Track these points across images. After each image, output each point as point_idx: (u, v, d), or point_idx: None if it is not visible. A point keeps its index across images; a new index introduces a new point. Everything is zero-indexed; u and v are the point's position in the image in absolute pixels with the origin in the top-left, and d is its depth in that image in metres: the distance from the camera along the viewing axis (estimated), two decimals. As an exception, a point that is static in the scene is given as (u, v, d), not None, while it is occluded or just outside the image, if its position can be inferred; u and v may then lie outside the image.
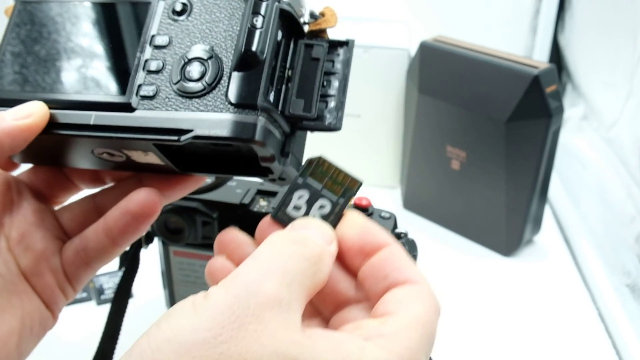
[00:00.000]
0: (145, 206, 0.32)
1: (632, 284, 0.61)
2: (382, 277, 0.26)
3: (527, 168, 0.62)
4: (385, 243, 0.28)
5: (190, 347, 0.21)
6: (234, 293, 0.23)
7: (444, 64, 0.65)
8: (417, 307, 0.26)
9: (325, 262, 0.26)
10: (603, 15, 0.76)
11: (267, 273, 0.24)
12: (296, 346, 0.22)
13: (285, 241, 0.25)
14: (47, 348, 0.54)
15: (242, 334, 0.22)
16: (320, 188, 0.29)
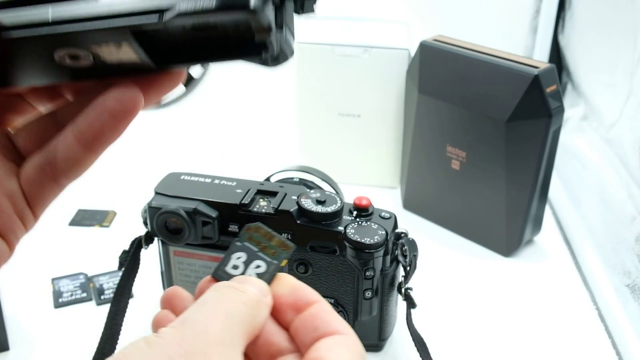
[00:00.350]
0: (126, 102, 0.28)
1: (632, 284, 0.61)
2: (312, 329, 0.29)
3: (527, 168, 0.62)
4: (315, 300, 0.30)
5: None
6: (183, 332, 0.25)
7: (444, 64, 0.66)
8: (345, 353, 0.28)
9: (262, 310, 0.29)
10: (603, 15, 0.76)
11: (212, 316, 0.27)
12: None
13: (226, 290, 0.29)
14: (47, 348, 0.54)
15: None
16: (257, 250, 0.31)
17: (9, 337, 0.53)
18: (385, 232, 0.49)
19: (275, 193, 0.51)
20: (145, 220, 0.53)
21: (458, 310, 0.60)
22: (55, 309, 0.59)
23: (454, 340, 0.56)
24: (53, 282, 0.62)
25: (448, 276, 0.65)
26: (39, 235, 0.70)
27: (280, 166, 0.64)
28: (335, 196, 0.51)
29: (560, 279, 0.65)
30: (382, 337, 0.54)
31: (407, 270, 0.51)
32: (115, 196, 0.77)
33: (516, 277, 0.65)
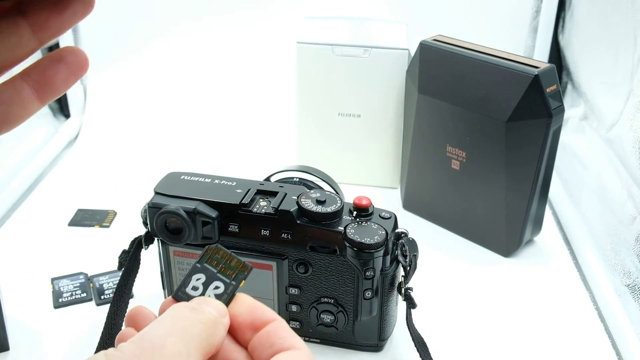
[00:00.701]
0: (80, 59, 0.30)
1: (632, 284, 0.61)
2: (269, 345, 0.31)
3: (528, 168, 0.62)
4: (272, 318, 0.32)
5: None
6: (142, 346, 0.27)
7: (444, 64, 0.66)
8: None
9: (219, 329, 0.30)
10: (603, 15, 0.76)
11: (170, 332, 0.28)
12: None
13: (184, 309, 0.30)
14: (47, 348, 0.54)
15: None
16: (216, 272, 0.33)
17: (9, 337, 0.53)
18: (385, 232, 0.49)
19: (275, 193, 0.51)
20: (145, 220, 0.53)
21: (458, 310, 0.60)
22: (55, 309, 0.59)
23: (454, 340, 0.56)
24: (53, 282, 0.62)
25: (448, 276, 0.65)
26: (39, 235, 0.70)
27: (280, 166, 0.64)
28: (335, 196, 0.51)
29: (560, 279, 0.65)
30: (382, 337, 0.54)
31: (407, 270, 0.51)
32: (115, 196, 0.77)
33: (516, 278, 0.65)
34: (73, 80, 0.31)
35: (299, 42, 0.74)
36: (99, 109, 0.96)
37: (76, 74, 0.30)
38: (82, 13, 0.30)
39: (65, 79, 0.30)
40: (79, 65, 0.30)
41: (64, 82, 0.30)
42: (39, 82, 0.30)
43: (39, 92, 0.30)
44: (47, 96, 0.30)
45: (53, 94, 0.30)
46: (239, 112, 0.97)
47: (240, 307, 0.32)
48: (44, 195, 0.78)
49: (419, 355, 0.51)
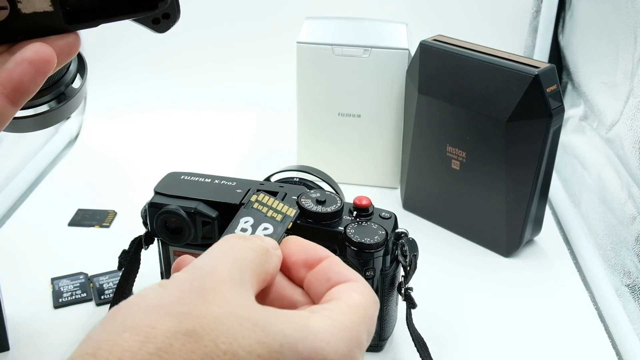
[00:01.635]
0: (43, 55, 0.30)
1: (632, 284, 0.61)
2: (325, 280, 0.30)
3: (528, 168, 0.62)
4: (325, 255, 0.32)
5: (155, 308, 0.24)
6: (193, 273, 0.26)
7: (444, 64, 0.66)
8: (358, 296, 0.29)
9: (272, 258, 0.30)
10: (603, 15, 0.76)
11: (221, 260, 0.28)
12: (249, 310, 0.25)
13: (234, 238, 0.30)
14: (47, 348, 0.54)
15: (202, 299, 0.25)
16: (264, 214, 0.33)
17: (9, 337, 0.53)
18: (385, 232, 0.49)
19: (275, 193, 0.51)
20: (145, 220, 0.53)
21: (458, 310, 0.60)
22: (55, 309, 0.59)
23: (454, 340, 0.56)
24: (53, 282, 0.62)
25: (448, 276, 0.65)
26: (39, 235, 0.70)
27: (280, 166, 0.64)
28: (335, 196, 0.51)
29: (560, 279, 0.65)
30: (382, 337, 0.54)
31: (407, 270, 0.51)
32: (115, 196, 0.77)
33: (516, 277, 0.65)
34: (41, 79, 0.31)
35: (299, 42, 0.74)
36: (99, 109, 0.96)
37: (43, 71, 0.31)
38: (67, 54, 0.32)
39: (33, 78, 0.30)
40: (43, 61, 0.30)
41: (32, 83, 0.30)
42: (7, 86, 0.30)
43: (9, 96, 0.30)
44: (18, 99, 0.31)
45: (24, 95, 0.31)
46: (239, 112, 0.97)
47: (292, 246, 0.32)
48: (44, 195, 0.78)
49: (419, 355, 0.51)
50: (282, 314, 0.26)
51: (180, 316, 0.24)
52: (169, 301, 0.25)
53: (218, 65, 0.99)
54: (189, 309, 0.24)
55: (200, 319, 0.24)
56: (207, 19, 0.97)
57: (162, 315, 0.24)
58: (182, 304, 0.25)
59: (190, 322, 0.24)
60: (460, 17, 0.94)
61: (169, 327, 0.24)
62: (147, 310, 0.24)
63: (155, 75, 0.98)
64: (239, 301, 0.26)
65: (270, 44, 0.97)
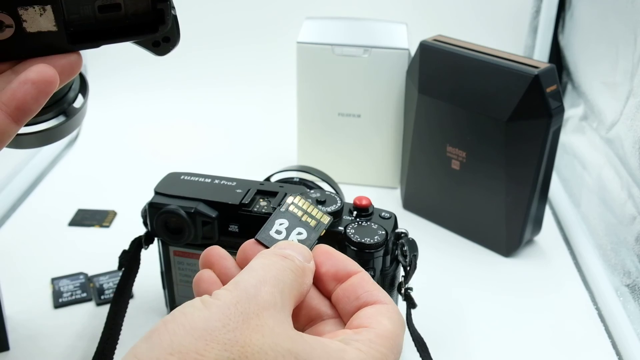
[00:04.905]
0: (46, 75, 0.31)
1: (632, 284, 0.61)
2: (354, 298, 0.31)
3: (527, 168, 0.62)
4: (356, 270, 0.32)
5: (202, 333, 0.25)
6: (237, 295, 0.27)
7: (444, 64, 0.66)
8: (387, 322, 0.30)
9: (307, 277, 0.30)
10: (603, 15, 0.76)
11: (263, 281, 0.28)
12: (291, 341, 0.26)
13: (274, 257, 0.30)
14: (47, 348, 0.54)
15: (246, 325, 0.25)
16: (299, 218, 0.33)
17: (9, 337, 0.53)
18: (385, 232, 0.49)
19: (275, 193, 0.51)
20: (145, 220, 0.53)
21: (458, 310, 0.60)
22: (55, 309, 0.59)
23: (454, 340, 0.56)
24: (53, 282, 0.62)
25: (448, 276, 0.65)
26: (39, 235, 0.70)
27: (280, 166, 0.64)
28: (335, 196, 0.51)
29: (560, 279, 0.65)
30: None
31: (407, 270, 0.51)
32: (115, 196, 0.77)
33: (516, 277, 0.65)
34: (44, 99, 0.31)
35: (299, 42, 0.74)
36: (99, 109, 0.96)
37: (46, 92, 0.31)
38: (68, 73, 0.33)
39: (35, 98, 0.31)
40: (46, 82, 0.31)
41: (34, 102, 0.31)
42: (10, 105, 0.31)
43: (12, 115, 0.31)
44: (21, 118, 0.31)
45: (26, 114, 0.31)
46: (239, 112, 0.97)
47: (323, 256, 0.32)
48: (44, 195, 0.78)
49: (419, 355, 0.51)
50: (321, 345, 0.27)
51: (227, 344, 0.25)
52: (215, 326, 0.25)
53: (218, 65, 0.99)
54: (235, 337, 0.25)
55: (246, 347, 0.25)
56: (206, 19, 0.97)
57: (210, 341, 0.24)
58: (228, 329, 0.25)
59: (236, 351, 0.24)
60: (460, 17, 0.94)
61: (216, 355, 0.24)
62: (194, 334, 0.25)
63: (155, 75, 0.98)
64: (282, 330, 0.26)
65: (270, 44, 0.97)
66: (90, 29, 0.33)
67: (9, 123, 0.31)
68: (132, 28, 0.34)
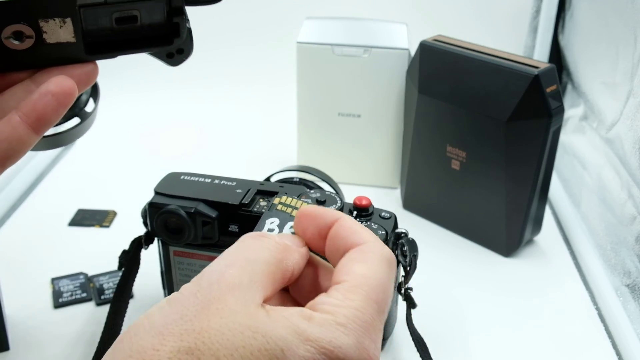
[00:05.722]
0: (66, 87, 0.32)
1: (632, 284, 0.61)
2: (336, 251, 0.29)
3: (527, 168, 0.62)
4: (334, 219, 0.30)
5: (160, 329, 0.24)
6: (199, 283, 0.26)
7: (444, 64, 0.66)
8: (359, 268, 0.28)
9: (291, 254, 0.29)
10: (603, 15, 0.76)
11: (230, 264, 0.27)
12: (249, 317, 0.25)
13: (249, 239, 0.29)
14: (47, 348, 0.54)
15: (206, 311, 0.25)
16: (289, 215, 0.33)
17: (9, 337, 0.53)
18: (385, 232, 0.49)
19: (275, 193, 0.51)
20: (145, 220, 0.53)
21: (458, 310, 0.60)
22: (55, 309, 0.59)
23: (454, 340, 0.56)
24: (53, 282, 0.62)
25: (448, 276, 0.65)
26: (39, 235, 0.70)
27: (280, 166, 0.64)
28: (335, 196, 0.51)
29: (560, 279, 0.65)
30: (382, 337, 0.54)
31: (407, 270, 0.51)
32: (115, 196, 0.77)
33: (516, 277, 0.65)
34: (63, 110, 0.32)
35: (299, 42, 0.74)
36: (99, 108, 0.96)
37: (65, 103, 0.32)
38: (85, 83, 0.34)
39: (55, 110, 0.32)
40: (65, 94, 0.32)
41: (54, 113, 0.32)
42: (31, 116, 0.32)
43: (33, 126, 0.32)
44: (41, 128, 0.32)
45: (46, 125, 0.32)
46: (239, 112, 0.97)
47: (304, 220, 0.31)
48: (44, 195, 0.78)
49: (419, 355, 0.51)
50: (285, 316, 0.25)
51: (183, 334, 0.24)
52: (173, 319, 0.25)
53: (218, 65, 0.99)
54: (192, 325, 0.24)
55: (202, 334, 0.24)
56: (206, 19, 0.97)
57: (166, 335, 0.24)
58: (185, 320, 0.25)
59: (192, 339, 0.24)
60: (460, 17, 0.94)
61: (171, 347, 0.24)
62: (152, 332, 0.24)
63: (155, 76, 0.98)
64: (241, 308, 0.25)
65: (270, 44, 0.97)
66: (107, 40, 0.34)
67: (29, 133, 0.32)
68: (147, 39, 0.35)
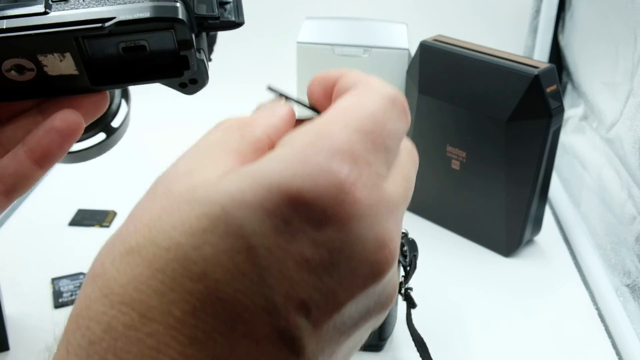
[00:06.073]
0: (71, 123, 0.31)
1: (632, 284, 0.61)
2: None
3: (527, 168, 0.62)
4: (337, 77, 0.27)
5: (110, 240, 0.22)
6: (150, 192, 0.24)
7: (444, 64, 0.65)
8: (343, 102, 0.24)
9: (251, 127, 0.24)
10: (603, 15, 0.76)
11: (179, 160, 0.24)
12: (189, 189, 0.21)
13: (205, 134, 0.26)
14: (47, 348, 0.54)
15: (145, 208, 0.22)
16: None
17: (9, 337, 0.53)
18: (385, 232, 0.49)
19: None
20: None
21: (458, 310, 0.60)
22: (55, 309, 0.59)
23: (454, 340, 0.56)
24: (53, 282, 0.62)
25: (448, 276, 0.65)
26: (39, 235, 0.70)
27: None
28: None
29: (560, 279, 0.65)
30: (382, 337, 0.54)
31: (407, 270, 0.51)
32: (115, 196, 0.77)
33: (516, 277, 0.65)
34: (68, 145, 0.32)
35: (299, 42, 0.74)
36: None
37: (69, 140, 0.32)
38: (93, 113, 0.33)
39: (60, 145, 0.31)
40: (70, 131, 0.31)
41: (59, 149, 0.32)
42: (36, 151, 0.31)
43: (38, 161, 0.31)
44: (46, 164, 0.32)
45: (51, 160, 0.32)
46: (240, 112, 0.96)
47: (315, 84, 0.28)
48: (44, 195, 0.78)
49: (419, 355, 0.51)
50: (232, 171, 0.21)
51: (126, 238, 0.21)
52: (121, 228, 0.22)
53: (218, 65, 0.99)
54: (134, 227, 0.22)
55: (137, 231, 0.21)
56: (207, 19, 0.97)
57: (115, 244, 0.22)
58: (130, 224, 0.22)
59: (128, 240, 0.21)
60: (460, 17, 0.94)
61: (112, 258, 0.21)
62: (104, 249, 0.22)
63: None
64: (183, 187, 0.21)
65: (270, 44, 0.97)
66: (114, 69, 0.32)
67: (35, 169, 0.31)
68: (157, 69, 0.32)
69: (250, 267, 0.19)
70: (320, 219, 0.20)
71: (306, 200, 0.20)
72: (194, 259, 0.19)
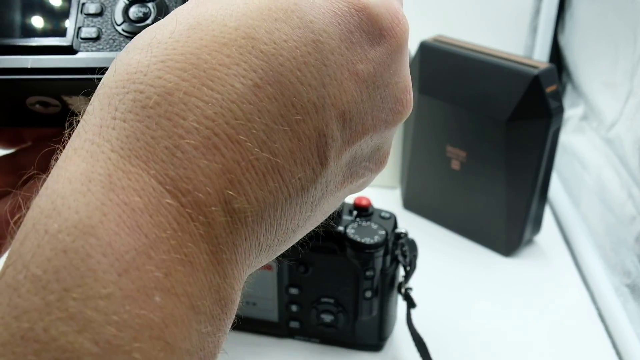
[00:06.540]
0: None
1: (632, 284, 0.61)
2: None
3: (527, 168, 0.62)
4: None
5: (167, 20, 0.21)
6: None
7: (444, 64, 0.66)
8: None
9: None
10: (603, 15, 0.76)
11: None
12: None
13: None
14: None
15: None
16: None
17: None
18: (385, 232, 0.49)
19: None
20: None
21: (458, 310, 0.60)
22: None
23: (454, 340, 0.56)
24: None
25: (448, 276, 0.65)
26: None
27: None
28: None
29: (560, 278, 0.65)
30: (382, 337, 0.54)
31: (407, 270, 0.51)
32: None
33: (516, 277, 0.65)
34: None
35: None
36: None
37: None
38: None
39: None
40: None
41: None
42: None
43: None
44: None
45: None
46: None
47: None
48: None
49: (419, 355, 0.51)
50: None
51: (178, 22, 0.21)
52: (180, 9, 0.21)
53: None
54: (191, 12, 0.21)
55: (199, 15, 0.21)
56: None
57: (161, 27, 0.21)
58: (181, 12, 0.21)
59: (187, 20, 0.21)
60: (460, 17, 0.94)
61: (169, 30, 0.20)
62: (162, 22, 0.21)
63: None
64: None
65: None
66: None
67: None
68: None
69: (314, 60, 0.20)
70: (376, 35, 0.22)
71: (371, 15, 0.22)
72: (265, 40, 0.20)
